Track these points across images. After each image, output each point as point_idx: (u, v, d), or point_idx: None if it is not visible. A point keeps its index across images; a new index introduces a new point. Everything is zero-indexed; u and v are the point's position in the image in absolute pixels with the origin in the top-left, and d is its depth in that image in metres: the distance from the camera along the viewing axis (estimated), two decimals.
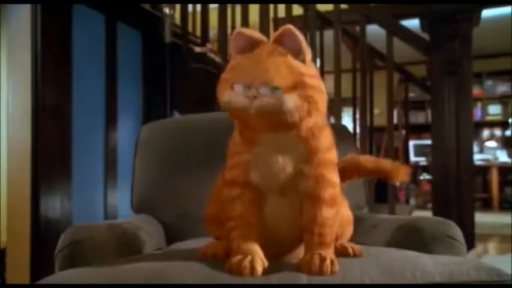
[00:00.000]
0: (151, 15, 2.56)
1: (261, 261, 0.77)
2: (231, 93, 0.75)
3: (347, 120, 4.37)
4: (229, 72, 0.77)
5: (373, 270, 0.78)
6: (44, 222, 1.87)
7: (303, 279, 0.75)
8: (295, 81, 0.73)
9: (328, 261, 0.76)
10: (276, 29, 0.90)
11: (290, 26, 0.76)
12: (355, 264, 0.80)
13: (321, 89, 0.76)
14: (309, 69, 0.76)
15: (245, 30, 0.78)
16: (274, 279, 0.75)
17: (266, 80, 0.73)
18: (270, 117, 0.74)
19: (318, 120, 0.77)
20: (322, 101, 0.76)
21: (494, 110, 6.89)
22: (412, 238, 0.99)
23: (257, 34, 0.79)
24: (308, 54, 0.77)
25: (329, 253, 0.79)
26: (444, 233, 1.01)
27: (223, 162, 0.87)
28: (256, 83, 0.73)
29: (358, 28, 2.50)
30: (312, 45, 2.47)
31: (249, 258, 0.77)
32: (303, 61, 0.76)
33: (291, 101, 0.72)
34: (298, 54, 0.76)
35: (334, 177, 0.83)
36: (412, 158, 6.14)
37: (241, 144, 0.81)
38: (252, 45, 0.77)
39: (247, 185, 0.81)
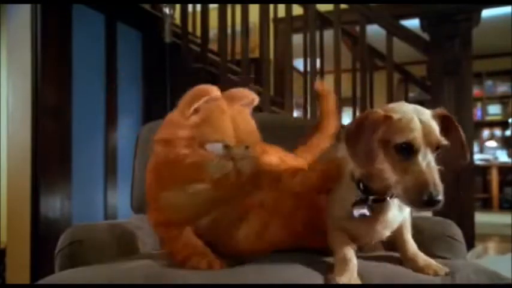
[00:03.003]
0: (151, 15, 2.56)
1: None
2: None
3: (347, 120, 4.36)
4: None
5: (374, 270, 0.78)
6: (44, 222, 1.87)
7: (303, 279, 0.75)
8: None
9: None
10: (276, 29, 0.90)
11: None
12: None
13: None
14: None
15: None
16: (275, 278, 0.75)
17: None
18: None
19: None
20: None
21: (494, 110, 6.89)
22: (412, 238, 0.98)
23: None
24: None
25: None
26: (444, 233, 1.01)
27: None
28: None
29: (358, 28, 2.49)
30: (312, 45, 2.47)
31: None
32: None
33: None
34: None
35: None
36: None
37: None
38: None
39: None
